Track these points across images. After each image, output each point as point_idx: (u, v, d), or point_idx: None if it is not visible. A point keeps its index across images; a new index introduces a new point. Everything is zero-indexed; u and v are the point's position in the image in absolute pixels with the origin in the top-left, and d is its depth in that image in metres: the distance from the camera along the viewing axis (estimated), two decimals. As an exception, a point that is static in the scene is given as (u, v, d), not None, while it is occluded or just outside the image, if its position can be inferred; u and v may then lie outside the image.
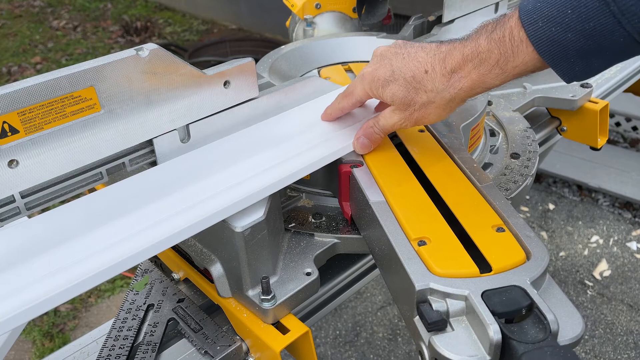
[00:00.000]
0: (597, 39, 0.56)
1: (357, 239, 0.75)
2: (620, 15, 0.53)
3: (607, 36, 0.55)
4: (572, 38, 0.57)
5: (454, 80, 0.64)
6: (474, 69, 0.63)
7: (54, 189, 0.63)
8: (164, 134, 0.69)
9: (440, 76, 0.65)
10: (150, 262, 0.83)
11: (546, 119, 1.16)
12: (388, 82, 0.68)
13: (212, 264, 0.69)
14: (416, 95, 0.67)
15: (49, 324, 2.07)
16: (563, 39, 0.57)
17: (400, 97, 0.68)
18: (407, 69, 0.67)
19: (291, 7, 1.31)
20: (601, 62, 0.59)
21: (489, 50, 0.62)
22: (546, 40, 0.58)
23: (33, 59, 4.26)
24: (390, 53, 0.70)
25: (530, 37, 0.59)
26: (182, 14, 5.00)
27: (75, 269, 0.54)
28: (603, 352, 1.93)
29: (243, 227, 0.63)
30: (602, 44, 0.56)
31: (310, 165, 0.71)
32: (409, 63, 0.67)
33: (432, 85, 0.66)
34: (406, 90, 0.67)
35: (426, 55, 0.66)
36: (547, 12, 0.57)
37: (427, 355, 0.54)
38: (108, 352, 0.69)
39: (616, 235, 2.39)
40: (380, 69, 0.70)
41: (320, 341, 2.03)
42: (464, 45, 0.64)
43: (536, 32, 0.58)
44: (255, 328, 0.66)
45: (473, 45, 0.63)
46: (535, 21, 0.58)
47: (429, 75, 0.65)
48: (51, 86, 0.57)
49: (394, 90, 0.68)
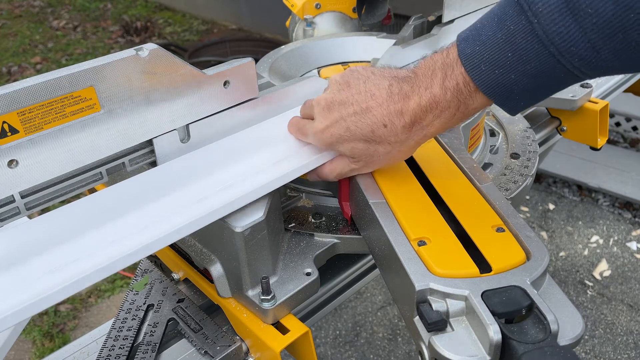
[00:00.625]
0: (540, 78, 0.56)
1: (357, 239, 0.75)
2: (559, 55, 0.53)
3: (549, 74, 0.55)
4: (516, 79, 0.57)
5: (416, 129, 0.63)
6: (436, 118, 0.62)
7: (53, 189, 0.63)
8: (163, 134, 0.69)
9: (401, 128, 0.63)
10: (150, 262, 0.83)
11: (546, 119, 1.16)
12: (344, 140, 0.66)
13: (212, 264, 0.69)
14: (379, 146, 0.65)
15: (49, 324, 2.07)
16: (507, 80, 0.57)
17: (361, 150, 0.66)
18: (363, 126, 0.64)
19: (291, 7, 1.31)
20: (545, 92, 0.59)
21: (448, 100, 0.60)
22: (491, 83, 0.58)
23: (33, 59, 4.26)
24: (337, 103, 0.66)
25: (476, 82, 0.58)
26: (182, 14, 5.00)
27: (74, 266, 0.54)
28: (603, 352, 1.93)
29: (243, 227, 0.63)
30: (544, 82, 0.57)
31: (308, 164, 0.71)
32: (364, 119, 0.63)
33: (395, 138, 0.64)
34: (367, 144, 0.65)
35: (380, 107, 0.63)
36: (487, 55, 0.57)
37: (427, 355, 0.54)
38: (108, 352, 0.69)
39: (616, 235, 2.39)
40: (333, 127, 0.66)
41: (320, 341, 2.03)
42: (419, 95, 0.61)
43: (480, 76, 0.58)
44: (255, 328, 0.66)
45: (428, 95, 0.61)
46: (478, 65, 0.58)
47: (388, 129, 0.63)
48: (51, 86, 0.57)
49: (353, 145, 0.66)
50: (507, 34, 0.55)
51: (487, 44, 0.57)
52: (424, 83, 0.61)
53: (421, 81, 0.62)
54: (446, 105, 0.60)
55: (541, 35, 0.53)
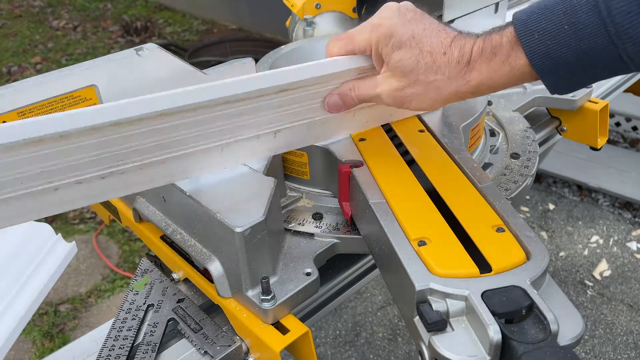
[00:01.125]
0: (590, 57, 0.56)
1: (357, 239, 0.75)
2: (615, 36, 0.53)
3: (599, 55, 0.55)
4: (565, 54, 0.57)
5: (466, 71, 0.62)
6: (485, 62, 0.61)
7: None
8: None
9: (455, 63, 0.62)
10: (150, 262, 0.83)
11: (546, 119, 1.16)
12: (403, 45, 0.63)
13: (211, 264, 0.69)
14: (424, 73, 0.63)
15: (48, 324, 2.07)
16: (555, 54, 0.57)
17: (408, 64, 0.63)
18: (427, 42, 0.63)
19: (291, 7, 1.31)
20: (590, 76, 0.59)
21: (501, 44, 0.61)
22: (540, 53, 0.58)
23: (33, 59, 4.26)
24: (412, 17, 0.65)
25: (525, 49, 0.59)
26: (182, 14, 5.00)
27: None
28: (603, 352, 1.93)
29: (243, 227, 0.63)
30: (593, 62, 0.57)
31: None
32: (432, 37, 0.63)
33: (446, 69, 0.63)
34: (416, 62, 0.63)
35: (447, 36, 0.63)
36: (543, 24, 0.57)
37: (427, 355, 0.54)
38: (108, 352, 0.69)
39: (616, 235, 2.39)
40: (400, 27, 0.63)
41: (320, 341, 2.03)
42: (482, 39, 0.62)
43: (531, 44, 0.58)
44: (255, 328, 0.66)
45: (487, 39, 0.62)
46: (532, 33, 0.58)
47: (445, 58, 0.62)
48: (51, 86, 0.57)
49: (405, 56, 0.63)
50: (569, 6, 0.56)
51: (545, 13, 0.57)
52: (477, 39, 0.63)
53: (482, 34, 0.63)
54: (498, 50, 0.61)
55: (603, 12, 0.53)
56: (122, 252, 2.39)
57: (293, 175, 0.83)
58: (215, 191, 0.68)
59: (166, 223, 0.76)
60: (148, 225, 0.83)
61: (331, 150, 0.78)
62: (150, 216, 0.78)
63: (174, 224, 0.76)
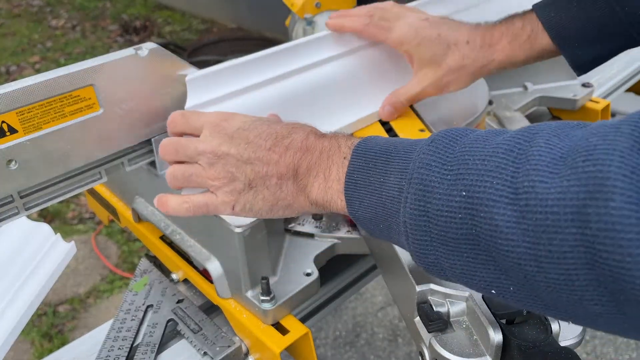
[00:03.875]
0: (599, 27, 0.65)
1: (357, 240, 0.75)
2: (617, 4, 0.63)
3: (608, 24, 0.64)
4: (578, 25, 0.67)
5: (490, 51, 0.73)
6: (508, 43, 0.72)
7: (53, 189, 0.63)
8: (163, 133, 0.69)
9: (479, 47, 0.73)
10: (149, 262, 0.83)
11: (547, 119, 1.16)
12: (431, 42, 0.74)
13: (211, 264, 0.69)
14: (452, 57, 0.74)
15: (47, 325, 2.07)
16: (570, 26, 0.67)
17: (438, 56, 0.74)
18: (452, 36, 0.73)
19: (291, 6, 1.31)
20: (604, 51, 0.69)
21: (522, 27, 0.71)
22: (556, 25, 0.68)
23: (32, 58, 4.26)
24: (435, 20, 0.75)
25: (542, 22, 0.69)
26: (182, 13, 4.99)
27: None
28: (604, 353, 1.93)
29: (243, 227, 0.62)
30: (602, 33, 0.66)
31: None
32: (454, 32, 0.74)
33: (470, 52, 0.73)
34: (445, 51, 0.73)
35: (469, 29, 0.74)
36: (558, 3, 0.68)
37: (427, 356, 0.54)
38: (107, 353, 0.69)
39: (616, 235, 2.39)
40: (427, 29, 0.74)
41: (320, 342, 2.03)
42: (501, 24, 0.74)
43: (548, 20, 0.69)
44: (255, 329, 0.66)
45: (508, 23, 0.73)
46: (545, 7, 0.70)
47: (469, 45, 0.73)
48: (50, 85, 0.57)
49: (435, 49, 0.74)
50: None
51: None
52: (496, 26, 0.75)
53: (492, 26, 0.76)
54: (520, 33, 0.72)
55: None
56: (121, 252, 2.38)
57: (293, 175, 0.83)
58: (214, 191, 0.68)
59: (165, 223, 0.76)
60: (147, 226, 0.83)
61: (331, 150, 0.77)
62: (149, 216, 0.78)
63: (173, 224, 0.75)
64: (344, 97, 0.82)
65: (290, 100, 0.76)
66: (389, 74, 0.84)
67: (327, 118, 0.79)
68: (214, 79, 0.69)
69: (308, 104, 0.78)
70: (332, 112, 0.80)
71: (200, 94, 0.68)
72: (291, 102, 0.76)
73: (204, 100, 0.68)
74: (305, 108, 0.77)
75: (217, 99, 0.69)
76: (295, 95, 0.76)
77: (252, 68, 0.73)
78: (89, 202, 0.98)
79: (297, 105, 0.76)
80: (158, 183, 0.72)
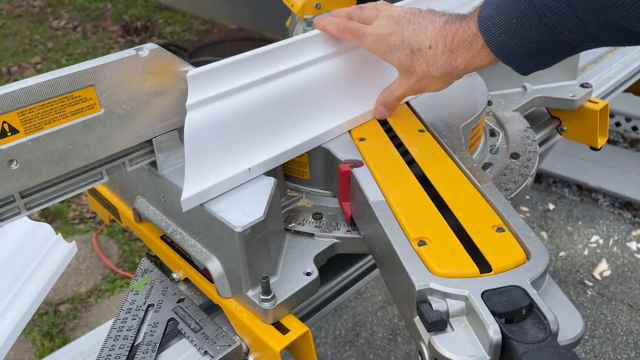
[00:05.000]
0: (540, 44, 0.63)
1: (357, 239, 0.75)
2: (553, 27, 0.60)
3: (547, 42, 0.62)
4: (519, 43, 0.64)
5: (451, 58, 0.71)
6: (466, 50, 0.70)
7: (54, 189, 0.63)
8: (164, 133, 0.69)
9: (440, 54, 0.71)
10: (150, 262, 0.83)
11: (546, 119, 1.16)
12: (396, 50, 0.75)
13: (211, 264, 0.69)
14: (418, 65, 0.74)
15: (48, 324, 2.07)
16: (511, 44, 0.65)
17: (405, 64, 0.75)
18: (415, 41, 0.73)
19: (291, 6, 1.31)
20: (549, 58, 0.66)
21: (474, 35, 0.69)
22: (499, 45, 0.66)
23: (33, 58, 4.26)
24: (405, 21, 0.75)
25: (487, 42, 0.67)
26: (182, 14, 5.00)
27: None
28: (603, 352, 1.93)
29: (243, 227, 0.63)
30: (545, 48, 0.64)
31: None
32: (418, 35, 0.73)
33: (433, 60, 0.72)
34: (411, 59, 0.74)
35: (433, 31, 0.72)
36: (497, 19, 0.65)
37: (427, 355, 0.54)
38: (108, 352, 0.69)
39: (616, 235, 2.39)
40: (392, 36, 0.75)
41: (320, 341, 2.03)
42: (463, 28, 0.70)
43: (490, 38, 0.66)
44: (255, 328, 0.66)
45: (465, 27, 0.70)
46: (489, 28, 0.66)
47: (432, 51, 0.72)
48: (51, 86, 0.57)
49: (401, 57, 0.75)
50: (515, 2, 0.63)
51: (499, 9, 0.65)
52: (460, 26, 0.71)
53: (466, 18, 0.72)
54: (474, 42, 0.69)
55: (538, 7, 0.60)
56: (122, 252, 2.39)
57: (293, 175, 0.83)
58: (215, 191, 0.68)
59: (166, 223, 0.76)
60: (148, 225, 0.83)
61: (331, 150, 0.78)
62: (150, 216, 0.78)
63: (174, 223, 0.76)
64: (345, 92, 0.83)
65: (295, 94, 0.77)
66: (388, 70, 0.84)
67: (329, 112, 0.81)
68: (215, 75, 0.69)
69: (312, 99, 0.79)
70: (334, 107, 0.81)
71: (201, 90, 0.68)
72: (296, 96, 0.77)
73: (205, 96, 0.68)
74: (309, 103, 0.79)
75: (219, 95, 0.69)
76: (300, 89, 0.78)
77: (255, 63, 0.74)
78: (90, 202, 0.98)
79: (301, 99, 0.78)
80: (159, 183, 0.72)
